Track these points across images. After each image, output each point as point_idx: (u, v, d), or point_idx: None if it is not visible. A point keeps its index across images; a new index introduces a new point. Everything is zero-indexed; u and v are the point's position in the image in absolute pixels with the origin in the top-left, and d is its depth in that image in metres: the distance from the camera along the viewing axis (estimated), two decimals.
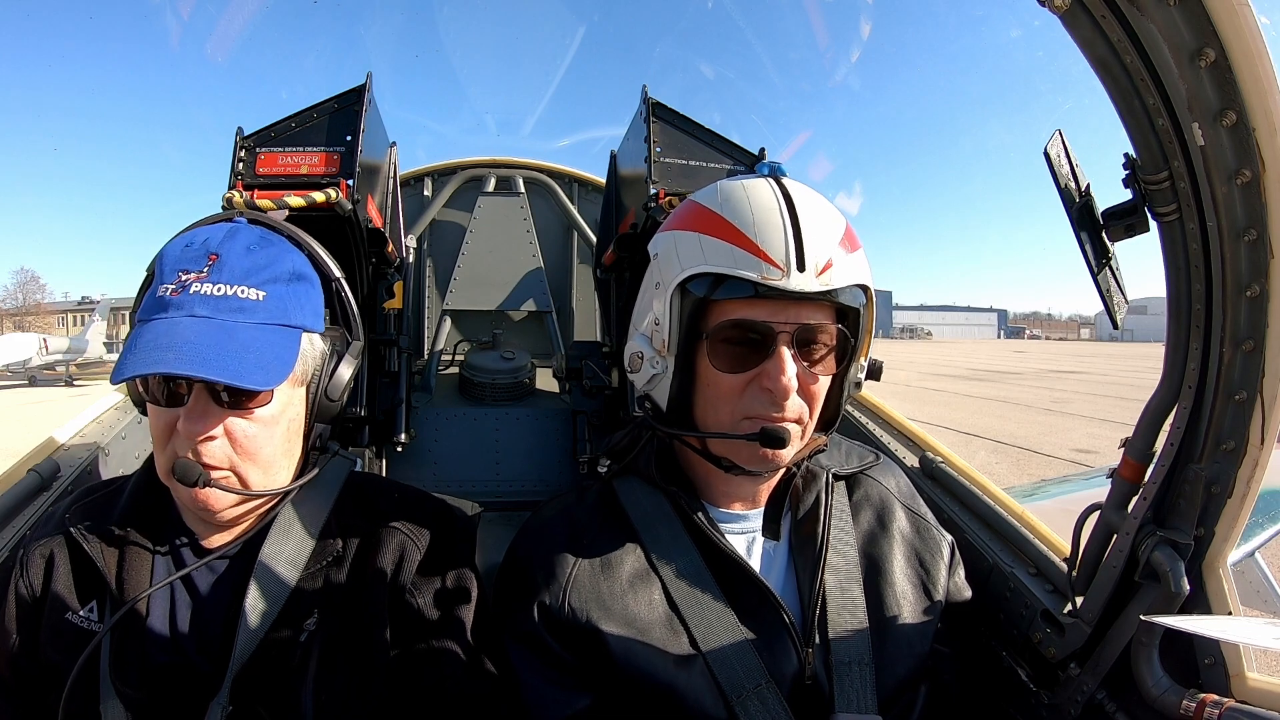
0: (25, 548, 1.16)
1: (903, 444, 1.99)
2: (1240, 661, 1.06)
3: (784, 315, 1.05)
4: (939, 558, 1.28)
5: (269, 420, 1.08)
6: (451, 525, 1.28)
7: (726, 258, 1.04)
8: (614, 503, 1.23)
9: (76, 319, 69.01)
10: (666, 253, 1.12)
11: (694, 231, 1.09)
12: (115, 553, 1.12)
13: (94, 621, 1.10)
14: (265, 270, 1.09)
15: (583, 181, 3.41)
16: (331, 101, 1.78)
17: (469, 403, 2.73)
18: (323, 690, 1.08)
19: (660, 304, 1.11)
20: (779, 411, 1.06)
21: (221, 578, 1.14)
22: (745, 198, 1.08)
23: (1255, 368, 0.99)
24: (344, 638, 1.12)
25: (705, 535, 1.16)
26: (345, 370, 1.19)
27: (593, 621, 1.10)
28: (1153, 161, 1.00)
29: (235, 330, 1.02)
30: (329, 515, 1.19)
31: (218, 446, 1.03)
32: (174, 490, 1.08)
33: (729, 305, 1.06)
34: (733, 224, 1.05)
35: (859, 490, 1.32)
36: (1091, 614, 1.21)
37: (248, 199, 1.62)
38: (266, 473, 1.10)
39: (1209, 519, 1.08)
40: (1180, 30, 0.87)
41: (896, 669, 1.14)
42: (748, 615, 1.12)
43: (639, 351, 1.15)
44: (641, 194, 1.86)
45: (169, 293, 1.04)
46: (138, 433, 1.90)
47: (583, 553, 1.16)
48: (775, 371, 1.04)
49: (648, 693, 1.07)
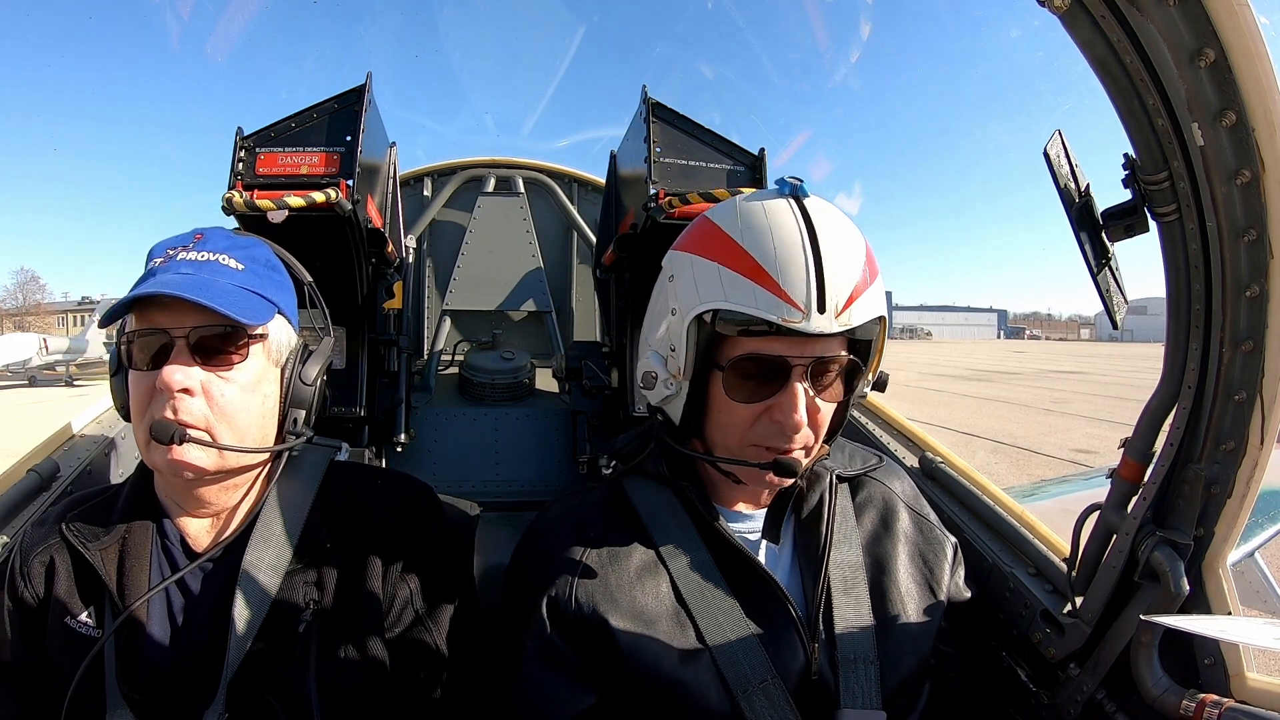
0: (22, 554, 1.16)
1: (902, 444, 1.99)
2: (1240, 661, 1.06)
3: (800, 350, 1.05)
4: (943, 558, 1.28)
5: (245, 386, 1.12)
6: (437, 507, 1.30)
7: (748, 296, 1.02)
8: (622, 499, 1.24)
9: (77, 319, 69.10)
10: (684, 279, 1.11)
11: (713, 261, 1.07)
12: (115, 559, 1.13)
13: (92, 628, 1.11)
14: (245, 250, 1.17)
15: (582, 181, 3.41)
16: (331, 101, 1.78)
17: (469, 403, 2.73)
18: (325, 676, 1.10)
19: (676, 331, 1.11)
20: (788, 443, 1.07)
21: (212, 581, 1.14)
22: (767, 227, 1.05)
23: (1255, 368, 0.99)
24: (341, 626, 1.14)
25: (714, 530, 1.17)
26: (317, 360, 1.24)
27: (600, 613, 1.11)
28: (1152, 162, 0.99)
29: (217, 281, 1.10)
30: (312, 507, 1.20)
31: (195, 404, 1.06)
32: (152, 461, 1.09)
33: (745, 341, 1.06)
34: (754, 259, 1.03)
35: (863, 492, 1.32)
36: (1091, 614, 1.21)
37: (247, 199, 1.62)
38: (241, 441, 1.12)
39: (1209, 519, 1.08)
40: (1180, 30, 0.87)
41: (900, 667, 1.15)
42: (755, 611, 1.13)
43: (653, 371, 1.15)
44: (641, 194, 1.86)
45: (157, 265, 1.12)
46: None
47: (590, 546, 1.17)
48: (788, 407, 1.05)
49: (654, 687, 1.08)
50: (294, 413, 1.21)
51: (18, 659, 1.13)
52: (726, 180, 1.88)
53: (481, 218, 3.12)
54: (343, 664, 1.12)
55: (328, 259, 1.78)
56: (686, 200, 1.77)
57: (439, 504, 1.32)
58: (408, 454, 2.47)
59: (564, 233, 3.37)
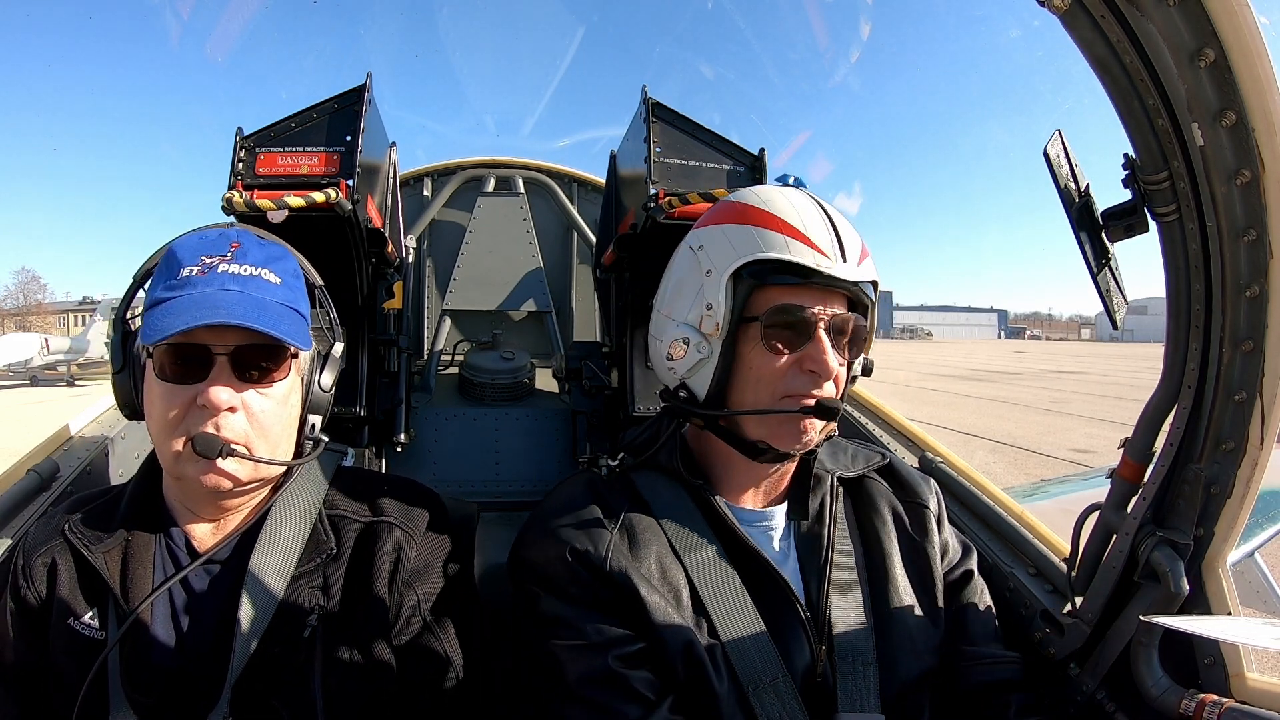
0: (25, 554, 1.16)
1: (902, 444, 1.99)
2: (1240, 661, 1.07)
3: (824, 303, 1.14)
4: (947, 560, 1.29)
5: (280, 399, 1.13)
6: (444, 515, 1.30)
7: (782, 245, 1.13)
8: (634, 492, 1.24)
9: (77, 319, 69.09)
10: (717, 244, 1.19)
11: (745, 225, 1.17)
12: (119, 560, 1.12)
13: (96, 630, 1.11)
14: (278, 262, 1.17)
15: (582, 182, 3.41)
16: (331, 101, 1.78)
17: (468, 403, 2.73)
18: (330, 680, 1.09)
19: (713, 290, 1.16)
20: (820, 390, 1.13)
21: (218, 581, 1.14)
22: (786, 198, 1.18)
23: (1255, 368, 0.99)
24: (347, 631, 1.13)
25: (727, 527, 1.18)
26: (331, 367, 1.26)
27: (631, 585, 1.11)
28: (1152, 162, 1.00)
29: (265, 300, 1.10)
30: (320, 511, 1.20)
31: (237, 420, 1.07)
32: (181, 473, 1.08)
33: (774, 292, 1.14)
34: (782, 218, 1.15)
35: (864, 492, 1.32)
36: (1091, 614, 1.22)
37: (247, 199, 1.62)
38: (273, 452, 1.13)
39: (1208, 519, 1.08)
40: (1180, 30, 0.87)
41: (900, 670, 1.15)
42: (765, 608, 1.13)
43: (683, 338, 1.20)
44: (641, 194, 1.86)
45: (194, 273, 1.09)
46: (138, 432, 1.89)
47: (615, 525, 1.18)
48: (818, 354, 1.12)
49: (679, 664, 1.08)
50: (311, 419, 1.23)
51: (20, 660, 1.13)
52: (726, 180, 1.88)
53: (481, 218, 3.11)
54: (348, 669, 1.12)
55: (327, 259, 1.78)
56: (686, 200, 1.76)
57: (446, 511, 1.31)
58: (407, 454, 2.47)
59: (564, 233, 3.37)
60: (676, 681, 1.08)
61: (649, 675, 1.07)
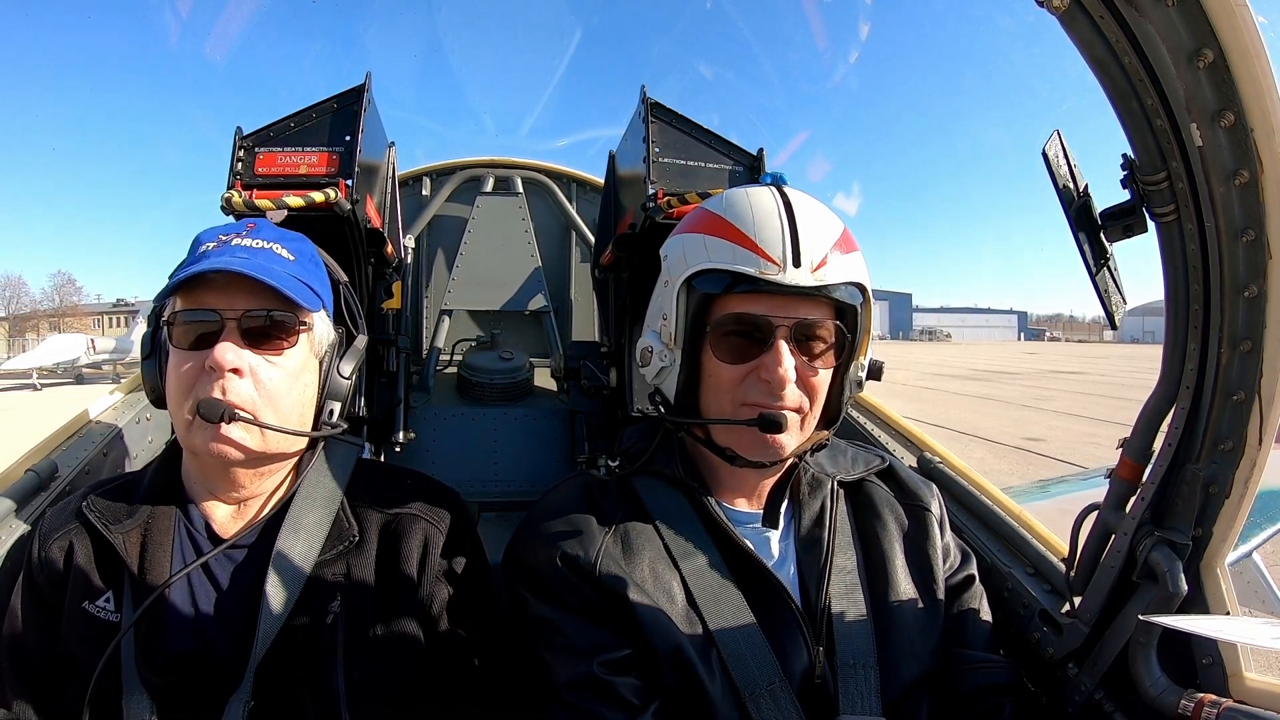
0: (41, 539, 1.16)
1: (900, 444, 1.99)
2: (1238, 661, 1.07)
3: (783, 310, 1.10)
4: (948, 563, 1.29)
5: (290, 372, 1.14)
6: (463, 509, 1.31)
7: (728, 255, 1.11)
8: (633, 496, 1.24)
9: (112, 320, 69.24)
10: (674, 254, 1.20)
11: (700, 234, 1.16)
12: (137, 542, 1.13)
13: (110, 612, 1.11)
14: (294, 243, 1.21)
15: (581, 181, 3.41)
16: (330, 101, 1.78)
17: (467, 402, 2.73)
18: (353, 669, 1.10)
19: (668, 300, 1.17)
20: (777, 400, 1.10)
21: (240, 567, 1.14)
22: (747, 202, 1.15)
23: (1253, 368, 0.99)
24: (371, 620, 1.14)
25: (723, 531, 1.18)
26: (353, 357, 1.27)
27: (621, 590, 1.11)
28: (1151, 162, 1.00)
29: (273, 268, 1.12)
30: (341, 500, 1.21)
31: (244, 385, 1.08)
32: (192, 443, 1.10)
33: (731, 300, 1.12)
34: (734, 225, 1.13)
35: (864, 495, 1.32)
36: (1089, 614, 1.21)
37: (246, 199, 1.62)
38: (283, 425, 1.14)
39: (1207, 519, 1.08)
40: (1178, 31, 0.87)
41: (901, 672, 1.15)
42: (762, 613, 1.13)
43: (649, 346, 1.22)
44: (640, 194, 1.86)
45: (210, 248, 1.14)
46: (135, 432, 1.89)
47: (608, 529, 1.18)
48: (772, 363, 1.09)
49: (668, 667, 1.08)
50: (330, 404, 1.24)
51: (35, 643, 1.12)
52: (726, 180, 1.88)
53: (480, 218, 3.11)
54: (371, 657, 1.12)
55: None
56: (685, 200, 1.77)
57: (466, 508, 1.33)
58: (406, 454, 2.47)
59: (562, 232, 3.36)
60: (666, 687, 1.07)
61: (635, 681, 1.07)
